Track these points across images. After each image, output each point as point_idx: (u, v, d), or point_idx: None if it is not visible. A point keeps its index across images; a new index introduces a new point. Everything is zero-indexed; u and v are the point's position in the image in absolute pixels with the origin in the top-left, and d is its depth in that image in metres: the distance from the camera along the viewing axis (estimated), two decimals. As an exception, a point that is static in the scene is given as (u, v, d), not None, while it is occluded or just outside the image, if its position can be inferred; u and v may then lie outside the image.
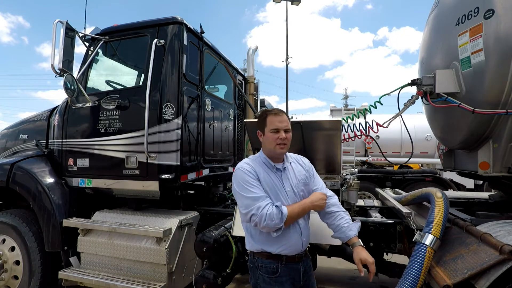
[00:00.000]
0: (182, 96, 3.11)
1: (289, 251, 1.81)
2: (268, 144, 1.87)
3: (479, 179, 4.95)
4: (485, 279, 1.72)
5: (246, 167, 1.83)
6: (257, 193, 1.73)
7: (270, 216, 1.66)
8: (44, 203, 3.27)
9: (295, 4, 16.55)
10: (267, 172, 1.86)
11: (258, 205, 1.69)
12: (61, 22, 2.89)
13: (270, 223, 1.66)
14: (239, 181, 1.80)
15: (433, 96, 2.65)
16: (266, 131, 1.87)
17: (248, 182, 1.77)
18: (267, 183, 1.82)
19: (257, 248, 1.83)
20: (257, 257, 1.84)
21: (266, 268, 1.80)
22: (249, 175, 1.79)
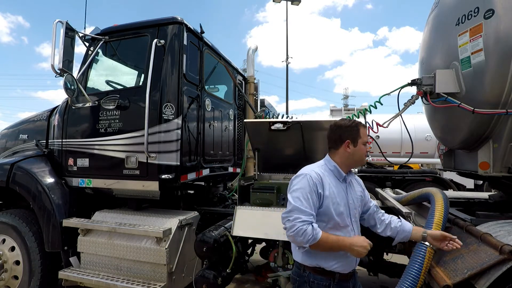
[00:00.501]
0: (182, 96, 3.11)
1: (343, 269, 1.77)
2: (357, 156, 1.85)
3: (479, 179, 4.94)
4: (485, 279, 1.71)
5: (313, 175, 1.77)
6: (305, 207, 1.68)
7: (301, 231, 1.62)
8: (44, 203, 3.27)
9: (295, 4, 16.55)
10: (335, 182, 1.82)
11: (298, 216, 1.66)
12: (61, 22, 2.89)
13: (297, 237, 1.63)
14: (298, 186, 1.75)
15: (433, 96, 2.65)
16: (360, 142, 1.84)
17: (305, 192, 1.71)
18: (335, 195, 1.77)
19: (311, 263, 1.77)
20: (308, 272, 1.78)
21: (318, 285, 1.75)
22: (311, 186, 1.73)
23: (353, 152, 1.84)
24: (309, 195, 1.70)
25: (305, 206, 1.68)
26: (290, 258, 2.80)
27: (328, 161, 1.89)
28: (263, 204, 2.85)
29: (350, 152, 1.83)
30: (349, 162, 1.87)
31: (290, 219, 1.67)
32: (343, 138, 1.84)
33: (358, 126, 1.86)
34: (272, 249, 2.90)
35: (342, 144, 1.84)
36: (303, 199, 1.69)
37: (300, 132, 2.96)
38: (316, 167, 1.84)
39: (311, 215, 1.68)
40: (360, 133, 1.84)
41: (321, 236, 1.64)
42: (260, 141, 3.20)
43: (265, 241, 3.09)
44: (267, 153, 3.30)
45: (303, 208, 1.67)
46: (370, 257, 2.98)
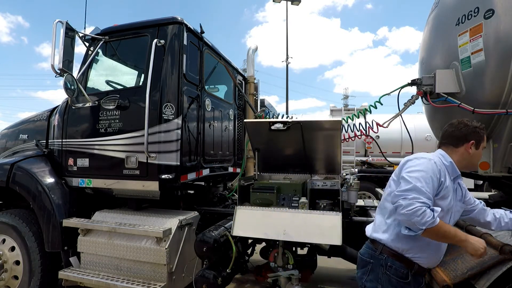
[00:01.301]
0: (182, 96, 3.11)
1: (426, 262, 1.72)
2: (476, 159, 1.83)
3: (479, 179, 4.95)
4: (485, 279, 1.72)
5: (439, 163, 1.70)
6: (426, 190, 1.57)
7: (420, 211, 1.50)
8: (44, 203, 3.27)
9: (295, 4, 16.55)
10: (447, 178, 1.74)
11: (417, 196, 1.54)
12: (61, 22, 2.89)
13: (413, 217, 1.50)
14: (421, 167, 1.64)
15: (433, 96, 2.65)
16: (481, 147, 1.81)
17: (429, 175, 1.61)
18: (449, 189, 1.71)
19: (397, 246, 1.69)
20: (385, 255, 1.70)
21: (396, 271, 1.68)
22: (435, 171, 1.64)
23: (473, 154, 1.80)
24: (431, 179, 1.61)
25: (426, 189, 1.57)
26: (290, 258, 2.80)
27: (443, 156, 1.80)
28: (263, 204, 2.85)
29: (470, 154, 1.79)
30: (465, 163, 1.81)
31: (408, 197, 1.54)
32: (469, 138, 1.78)
33: (484, 130, 1.83)
34: (272, 249, 2.90)
35: (465, 144, 1.79)
36: (424, 181, 1.59)
37: (300, 132, 2.96)
38: (433, 156, 1.77)
39: (430, 199, 1.57)
40: (484, 137, 1.83)
41: (440, 222, 1.53)
42: (260, 141, 3.20)
43: (265, 241, 3.09)
44: (267, 153, 3.30)
45: (424, 190, 1.56)
46: None
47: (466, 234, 1.61)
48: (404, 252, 1.68)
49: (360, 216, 3.05)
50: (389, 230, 1.74)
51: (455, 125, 1.84)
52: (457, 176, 1.80)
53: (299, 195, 2.87)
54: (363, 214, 3.21)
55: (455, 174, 1.78)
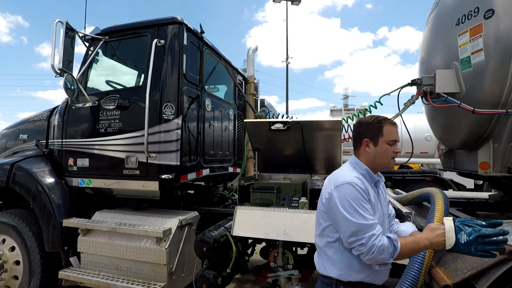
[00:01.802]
0: (182, 96, 3.11)
1: (379, 280, 1.62)
2: (381, 158, 1.63)
3: (479, 179, 4.95)
4: (485, 279, 1.71)
5: (358, 182, 1.53)
6: (369, 220, 1.46)
7: (381, 248, 1.41)
8: (44, 203, 3.27)
9: (295, 4, 16.56)
10: (370, 187, 1.62)
11: (371, 234, 1.43)
12: (61, 22, 2.89)
13: (378, 256, 1.42)
14: (348, 199, 1.49)
15: (433, 96, 2.65)
16: (382, 141, 1.61)
17: (360, 203, 1.49)
18: (375, 201, 1.59)
19: (348, 278, 1.56)
20: (341, 286, 1.59)
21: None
22: (362, 194, 1.51)
23: (375, 152, 1.63)
24: (364, 204, 1.50)
25: (368, 219, 1.46)
26: (290, 258, 2.80)
27: (357, 164, 1.67)
28: (263, 204, 2.85)
29: (370, 152, 1.64)
30: (372, 165, 1.65)
31: (363, 242, 1.43)
32: (362, 136, 1.66)
33: (381, 122, 1.63)
34: (272, 249, 2.90)
35: (360, 143, 1.66)
36: (362, 211, 1.47)
37: (300, 132, 2.96)
38: (354, 171, 1.62)
39: (378, 225, 1.48)
40: (383, 130, 1.61)
41: (400, 244, 1.44)
42: (260, 141, 3.20)
43: (265, 241, 3.09)
44: (267, 153, 3.30)
45: (368, 223, 1.45)
46: None
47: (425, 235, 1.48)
48: (358, 279, 1.57)
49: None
50: (336, 264, 1.60)
51: (354, 125, 1.77)
52: (377, 181, 1.68)
53: (299, 195, 2.87)
54: (363, 214, 3.20)
55: (373, 180, 1.65)
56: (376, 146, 1.63)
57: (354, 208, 1.48)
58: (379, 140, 1.62)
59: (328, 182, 1.64)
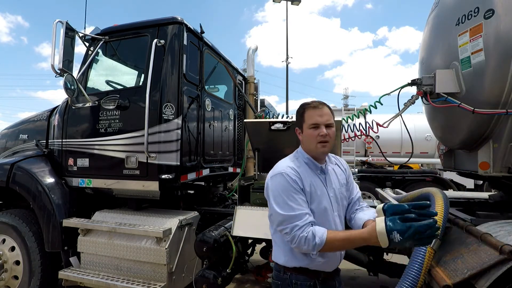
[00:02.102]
0: (182, 96, 3.11)
1: (328, 268, 1.62)
2: (308, 143, 1.62)
3: (479, 179, 4.94)
4: (485, 279, 1.71)
5: (290, 172, 1.55)
6: (296, 210, 1.48)
7: (302, 240, 1.43)
8: (44, 203, 3.27)
9: (295, 4, 16.56)
10: (312, 175, 1.62)
11: (294, 225, 1.45)
12: (61, 22, 2.89)
13: (301, 247, 1.45)
14: (277, 190, 1.53)
15: (433, 96, 2.64)
16: (305, 127, 1.61)
17: (289, 194, 1.51)
18: (315, 190, 1.58)
19: (294, 264, 1.59)
20: (289, 273, 1.60)
21: (301, 286, 1.58)
22: (292, 184, 1.52)
23: (303, 139, 1.66)
24: (294, 194, 1.51)
25: (296, 209, 1.48)
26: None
27: (301, 152, 1.69)
28: (263, 204, 2.85)
29: (302, 141, 1.67)
30: (308, 151, 1.66)
31: (287, 231, 1.47)
32: (295, 125, 1.71)
33: (304, 108, 1.64)
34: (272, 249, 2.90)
35: (298, 134, 1.71)
36: (290, 202, 1.49)
37: (300, 132, 2.96)
38: (290, 162, 1.64)
39: (306, 215, 1.49)
40: (304, 116, 1.62)
41: (328, 236, 1.43)
42: (260, 141, 3.20)
43: (265, 241, 3.09)
44: (267, 153, 3.30)
45: (294, 213, 1.47)
46: (370, 257, 2.98)
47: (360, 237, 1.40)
48: (304, 265, 1.58)
49: (360, 216, 3.04)
50: (281, 250, 1.64)
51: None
52: (322, 168, 1.65)
53: (299, 195, 2.86)
54: (363, 214, 3.20)
55: (317, 167, 1.64)
56: (303, 132, 1.65)
57: (282, 199, 1.51)
58: (303, 126, 1.63)
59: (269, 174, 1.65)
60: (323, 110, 1.61)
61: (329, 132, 1.58)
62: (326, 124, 1.58)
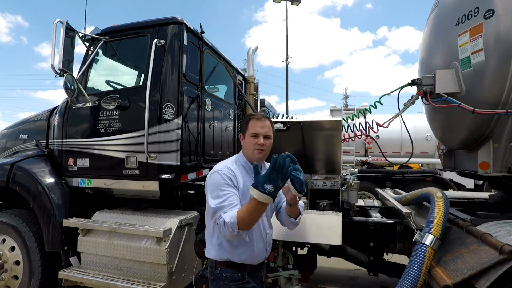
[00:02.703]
0: (182, 96, 3.11)
1: (254, 261, 1.81)
2: (247, 149, 1.86)
3: (479, 179, 4.95)
4: (485, 279, 1.72)
5: (225, 170, 1.75)
6: (224, 202, 1.66)
7: (221, 225, 1.60)
8: (44, 203, 3.27)
9: (295, 4, 16.56)
10: (247, 176, 1.83)
11: (219, 214, 1.63)
12: (61, 22, 2.88)
13: (224, 232, 1.60)
14: (212, 186, 1.73)
15: (433, 96, 2.64)
16: (247, 135, 1.85)
17: (221, 188, 1.69)
18: (245, 187, 1.77)
19: (223, 257, 1.77)
20: (220, 268, 1.78)
21: (231, 278, 1.76)
22: (226, 180, 1.72)
23: (244, 144, 1.88)
24: (225, 188, 1.69)
25: (225, 200, 1.65)
26: (290, 258, 2.80)
27: (240, 156, 1.91)
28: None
29: (243, 145, 1.89)
30: (248, 156, 1.88)
31: (217, 221, 1.64)
32: (241, 132, 1.93)
33: (249, 118, 1.88)
34: (272, 249, 2.90)
35: (241, 139, 1.92)
36: (222, 195, 1.67)
37: (300, 132, 2.96)
38: (229, 163, 1.85)
39: (232, 206, 1.65)
40: (248, 125, 1.85)
41: (237, 214, 1.58)
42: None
43: (265, 241, 3.09)
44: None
45: (222, 205, 1.65)
46: (370, 257, 2.98)
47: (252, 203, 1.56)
48: (231, 259, 1.76)
49: (360, 216, 3.05)
50: (212, 246, 1.81)
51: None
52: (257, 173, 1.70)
53: (299, 195, 2.86)
54: (363, 214, 3.21)
55: (250, 168, 1.83)
56: (245, 139, 1.88)
57: (216, 193, 1.68)
58: (246, 133, 1.87)
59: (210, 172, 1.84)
60: (265, 122, 1.85)
61: (266, 142, 1.83)
62: (265, 135, 1.83)
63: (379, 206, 3.53)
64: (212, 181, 1.75)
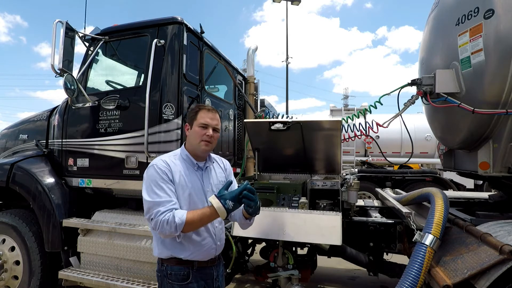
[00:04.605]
0: (182, 96, 3.11)
1: (201, 257, 1.74)
2: (193, 140, 1.79)
3: (479, 179, 4.95)
4: (485, 279, 1.72)
5: (160, 164, 1.70)
6: (161, 197, 1.62)
7: (164, 222, 1.55)
8: (44, 203, 3.27)
9: (295, 4, 16.54)
10: (187, 170, 1.77)
11: (157, 210, 1.59)
12: (61, 22, 2.89)
13: (164, 230, 1.56)
14: (148, 181, 1.68)
15: (433, 96, 2.65)
16: (195, 125, 1.79)
17: (156, 183, 1.65)
18: (185, 182, 1.73)
19: (166, 255, 1.72)
20: (166, 265, 1.73)
21: (176, 276, 1.70)
22: (161, 174, 1.67)
23: (189, 135, 1.82)
24: (161, 184, 1.65)
25: (161, 197, 1.62)
26: (290, 258, 2.80)
27: (182, 150, 1.85)
28: (263, 204, 2.84)
29: (188, 136, 1.83)
30: (191, 148, 1.82)
31: (152, 217, 1.59)
32: (186, 121, 1.87)
33: (199, 108, 1.83)
34: (272, 249, 2.90)
35: (185, 129, 1.86)
36: (157, 190, 1.63)
37: (300, 132, 2.96)
38: (167, 156, 1.80)
39: (170, 202, 1.62)
40: (197, 115, 1.79)
41: (187, 216, 1.57)
42: (260, 141, 3.21)
43: (265, 241, 3.09)
44: (267, 153, 3.30)
45: (159, 200, 1.61)
46: (370, 257, 2.98)
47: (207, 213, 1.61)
48: (176, 255, 1.71)
49: (360, 216, 3.05)
50: (156, 243, 1.77)
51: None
52: (199, 166, 1.82)
53: (299, 195, 2.87)
54: (363, 214, 3.21)
55: (193, 164, 1.81)
56: (191, 129, 1.81)
57: (151, 188, 1.65)
58: (193, 123, 1.80)
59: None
60: (215, 115, 1.83)
61: (214, 134, 1.80)
62: (214, 128, 1.79)
63: (379, 206, 3.53)
64: (147, 175, 1.71)
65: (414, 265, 2.00)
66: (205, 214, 1.61)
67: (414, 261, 2.02)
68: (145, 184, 1.70)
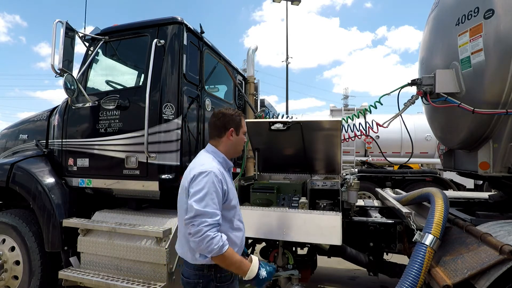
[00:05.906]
0: (182, 96, 3.11)
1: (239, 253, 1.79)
2: (237, 145, 1.89)
3: (479, 179, 4.95)
4: (485, 279, 1.72)
5: (217, 172, 1.68)
6: (212, 208, 1.59)
7: (207, 238, 1.52)
8: (44, 203, 3.27)
9: (295, 4, 16.54)
10: (225, 173, 1.81)
11: (203, 220, 1.54)
12: (61, 22, 2.89)
13: (201, 244, 1.53)
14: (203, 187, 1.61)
15: (433, 96, 2.65)
16: (241, 132, 1.89)
17: (211, 192, 1.61)
18: (232, 187, 1.80)
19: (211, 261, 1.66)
20: (214, 269, 1.69)
21: (225, 277, 1.72)
22: (216, 185, 1.64)
23: (235, 140, 1.87)
24: (215, 194, 1.62)
25: (212, 207, 1.59)
26: (290, 258, 2.80)
27: (215, 153, 1.84)
28: (263, 204, 2.85)
29: (233, 141, 1.86)
30: (232, 151, 1.89)
31: (194, 223, 1.55)
32: (228, 126, 1.84)
33: (241, 115, 1.91)
34: (272, 249, 2.90)
35: (226, 132, 1.84)
36: (209, 200, 1.59)
37: (300, 132, 2.96)
38: (211, 161, 1.76)
39: (217, 216, 1.60)
40: (242, 122, 1.90)
41: (228, 250, 1.58)
42: (260, 141, 3.21)
43: (265, 241, 3.09)
44: (267, 153, 3.31)
45: (208, 211, 1.57)
46: (370, 257, 2.98)
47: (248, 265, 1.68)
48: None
49: (360, 216, 3.05)
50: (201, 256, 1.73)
51: (215, 115, 1.88)
52: (231, 167, 1.91)
53: (299, 195, 2.87)
54: (363, 214, 3.21)
55: (228, 165, 1.87)
56: (238, 135, 1.87)
57: (204, 196, 1.60)
58: (240, 130, 1.88)
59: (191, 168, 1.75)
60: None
61: None
62: None
63: (379, 206, 3.53)
64: (204, 181, 1.63)
65: (414, 265, 2.00)
66: (238, 263, 1.63)
67: (414, 261, 2.02)
68: (199, 188, 1.62)
